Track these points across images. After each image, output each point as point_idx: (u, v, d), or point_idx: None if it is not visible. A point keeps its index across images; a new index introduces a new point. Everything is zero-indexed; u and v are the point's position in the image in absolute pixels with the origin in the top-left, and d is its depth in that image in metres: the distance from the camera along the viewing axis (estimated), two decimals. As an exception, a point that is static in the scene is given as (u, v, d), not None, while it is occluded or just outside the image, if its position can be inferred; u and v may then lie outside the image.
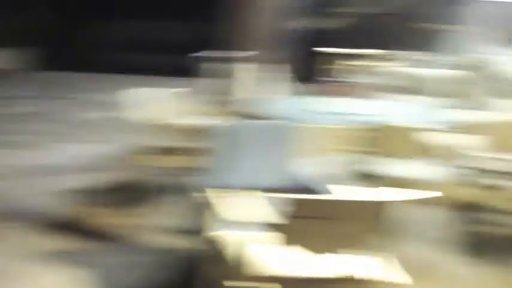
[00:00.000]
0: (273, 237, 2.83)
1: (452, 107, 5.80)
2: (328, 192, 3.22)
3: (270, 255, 2.92)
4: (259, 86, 6.24)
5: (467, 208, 4.63)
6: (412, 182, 4.06)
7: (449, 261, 4.27)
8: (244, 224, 3.08)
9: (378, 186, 3.37)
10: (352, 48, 8.81)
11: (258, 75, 6.46)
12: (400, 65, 7.55)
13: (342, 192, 3.21)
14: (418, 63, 7.60)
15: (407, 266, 3.02)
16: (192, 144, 4.98)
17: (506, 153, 4.64)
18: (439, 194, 3.04)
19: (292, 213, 2.73)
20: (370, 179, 4.21)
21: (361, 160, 4.42)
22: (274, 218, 2.86)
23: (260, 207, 3.16)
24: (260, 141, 3.98)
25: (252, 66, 6.81)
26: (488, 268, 4.23)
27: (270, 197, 3.17)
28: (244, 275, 2.88)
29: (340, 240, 2.87)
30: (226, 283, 2.96)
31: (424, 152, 4.48)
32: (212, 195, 3.41)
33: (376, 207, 2.85)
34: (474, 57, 6.92)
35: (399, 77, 7.15)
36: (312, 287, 2.86)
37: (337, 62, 8.71)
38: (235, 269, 2.92)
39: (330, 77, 8.43)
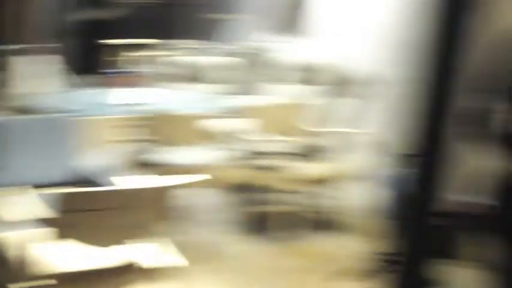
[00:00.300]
0: (51, 234, 2.80)
1: (228, 93, 6.04)
2: (109, 183, 3.25)
3: (49, 252, 2.89)
4: (36, 80, 6.05)
5: (245, 189, 4.87)
6: (192, 168, 4.20)
7: (230, 241, 4.48)
8: (21, 223, 3.01)
9: (157, 174, 3.46)
10: (134, 39, 8.80)
11: (34, 68, 6.25)
12: (179, 53, 7.68)
13: (122, 182, 3.26)
14: (196, 52, 7.79)
15: (190, 249, 3.14)
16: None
17: (277, 135, 4.95)
18: (216, 177, 3.19)
19: (68, 207, 2.72)
20: (150, 167, 4.28)
21: (141, 149, 4.48)
22: (50, 214, 2.83)
23: (35, 205, 3.11)
24: (37, 137, 3.87)
25: (28, 59, 6.57)
26: (266, 244, 4.50)
27: (46, 193, 3.12)
28: (27, 275, 2.83)
29: (121, 230, 2.91)
30: (11, 286, 2.90)
31: (202, 137, 4.65)
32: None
33: (156, 194, 2.93)
34: (248, 45, 7.24)
35: (179, 66, 7.29)
36: (91, 279, 2.88)
37: (120, 52, 8.65)
38: (17, 270, 2.86)
39: (112, 68, 8.36)
